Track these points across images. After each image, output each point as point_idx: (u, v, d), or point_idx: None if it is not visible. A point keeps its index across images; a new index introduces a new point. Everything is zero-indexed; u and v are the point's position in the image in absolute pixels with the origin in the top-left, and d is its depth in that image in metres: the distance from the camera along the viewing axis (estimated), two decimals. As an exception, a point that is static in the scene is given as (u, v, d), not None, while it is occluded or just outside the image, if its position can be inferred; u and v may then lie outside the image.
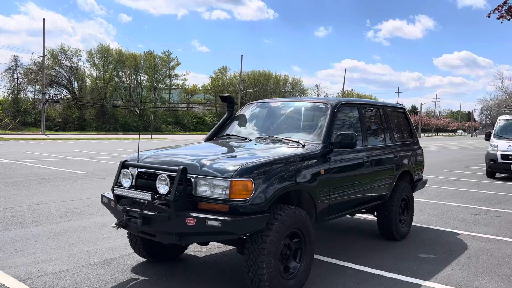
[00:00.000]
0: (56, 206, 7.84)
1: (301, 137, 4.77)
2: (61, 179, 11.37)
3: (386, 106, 6.13)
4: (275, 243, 3.71)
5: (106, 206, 4.39)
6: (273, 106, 5.57)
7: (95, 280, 4.33)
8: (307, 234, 4.08)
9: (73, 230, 6.23)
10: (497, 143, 14.38)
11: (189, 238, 3.72)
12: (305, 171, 4.19)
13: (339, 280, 4.48)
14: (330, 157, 4.59)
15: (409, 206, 6.36)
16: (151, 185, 3.94)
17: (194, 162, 3.86)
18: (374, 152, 5.44)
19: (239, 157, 4.04)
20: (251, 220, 3.55)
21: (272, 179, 3.79)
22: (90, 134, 47.13)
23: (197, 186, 3.70)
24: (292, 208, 3.92)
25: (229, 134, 5.37)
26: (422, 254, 5.51)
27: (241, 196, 3.57)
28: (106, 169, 13.85)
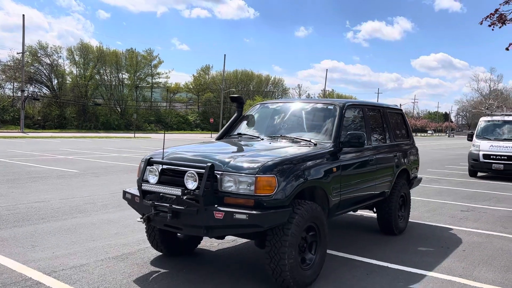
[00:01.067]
0: (58, 204, 7.93)
1: (312, 137, 5.04)
2: (55, 177, 11.39)
3: (385, 107, 6.46)
4: (296, 235, 3.97)
5: (128, 202, 4.57)
6: (281, 106, 5.83)
7: (117, 272, 4.51)
8: (322, 228, 4.35)
9: (82, 226, 6.36)
10: (479, 143, 14.97)
11: (216, 231, 3.94)
12: (320, 168, 4.45)
13: (349, 271, 4.77)
14: (339, 155, 4.86)
15: (406, 203, 6.70)
16: (176, 181, 4.15)
17: (219, 159, 4.08)
18: (377, 151, 5.74)
19: (260, 155, 4.28)
20: (276, 214, 3.79)
21: (293, 176, 4.05)
22: (71, 132, 46.57)
23: (223, 182, 3.92)
24: (310, 203, 4.18)
25: (240, 134, 5.60)
26: (421, 247, 5.84)
27: (266, 191, 3.81)
28: (97, 168, 13.89)
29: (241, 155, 4.24)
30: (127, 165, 15.14)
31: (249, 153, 4.37)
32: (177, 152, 4.52)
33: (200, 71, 79.18)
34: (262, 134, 5.37)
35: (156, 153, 4.61)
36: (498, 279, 4.71)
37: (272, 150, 4.52)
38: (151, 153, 4.71)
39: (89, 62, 60.91)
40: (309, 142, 4.90)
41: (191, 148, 4.85)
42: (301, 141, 4.96)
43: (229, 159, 4.07)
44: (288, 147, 4.71)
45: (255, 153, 4.35)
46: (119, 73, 65.23)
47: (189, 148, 4.80)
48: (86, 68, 60.66)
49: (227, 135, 5.76)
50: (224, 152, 4.57)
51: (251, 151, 4.50)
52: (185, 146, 4.95)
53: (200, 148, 4.87)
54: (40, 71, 57.59)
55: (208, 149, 4.76)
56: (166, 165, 4.26)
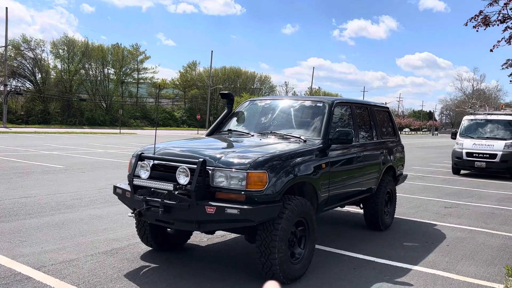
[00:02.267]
0: (44, 199, 7.88)
1: (301, 133, 5.11)
2: (40, 173, 11.29)
3: (373, 105, 6.57)
4: (286, 230, 4.04)
5: (119, 197, 4.58)
6: (271, 103, 5.89)
7: (108, 267, 4.53)
8: (310, 223, 4.43)
9: (70, 222, 6.35)
10: (462, 141, 15.25)
11: (208, 225, 3.99)
12: (310, 164, 4.53)
13: (336, 265, 4.86)
14: (328, 152, 4.94)
15: (392, 199, 6.83)
16: (167, 176, 4.18)
17: (211, 155, 4.13)
18: (364, 148, 5.85)
19: (251, 151, 4.33)
20: (267, 208, 3.86)
21: (283, 172, 4.11)
22: (55, 128, 46.00)
23: (214, 177, 3.97)
24: (299, 199, 4.26)
25: (230, 130, 5.65)
26: (406, 242, 5.97)
27: (257, 186, 3.87)
28: (83, 164, 13.79)
29: (232, 151, 4.29)
30: (113, 161, 15.07)
31: (240, 149, 4.42)
32: (168, 148, 4.55)
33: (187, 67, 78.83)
34: (252, 131, 5.42)
35: (147, 149, 4.63)
36: (480, 272, 4.85)
37: (263, 146, 4.58)
38: (142, 148, 4.73)
39: (74, 57, 60.14)
40: (299, 139, 4.97)
41: (182, 143, 4.88)
42: (291, 138, 5.03)
43: (221, 155, 4.12)
44: (278, 144, 4.77)
45: (246, 149, 4.41)
46: (105, 68, 64.59)
47: (180, 144, 4.83)
48: (71, 63, 59.91)
49: (217, 131, 5.80)
50: (215, 148, 4.62)
51: (242, 147, 4.55)
52: (176, 142, 4.98)
53: (191, 143, 4.91)
54: (24, 65, 56.73)
55: (200, 145, 4.80)
56: (157, 160, 4.29)
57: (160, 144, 4.73)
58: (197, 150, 4.42)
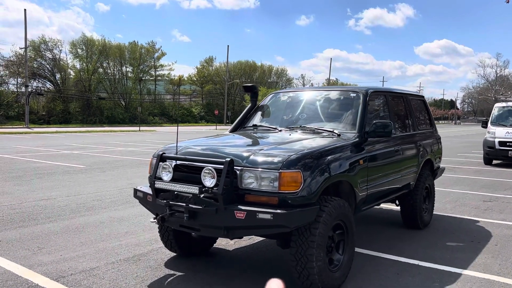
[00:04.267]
0: (64, 201, 7.64)
1: (334, 127, 4.69)
2: (61, 173, 11.11)
3: (408, 94, 6.08)
4: (323, 235, 3.64)
5: (140, 201, 4.25)
6: (298, 96, 5.47)
7: (130, 277, 4.20)
8: (349, 226, 4.02)
9: (91, 225, 6.07)
10: (494, 130, 14.55)
11: (237, 232, 3.62)
12: (347, 161, 4.12)
13: (377, 271, 4.44)
14: (365, 146, 4.51)
15: (430, 195, 6.35)
16: (191, 178, 3.83)
17: (238, 154, 3.75)
18: (402, 141, 5.39)
19: (281, 148, 3.94)
20: (303, 212, 3.46)
21: (319, 170, 3.71)
22: (75, 127, 46.36)
23: (243, 178, 3.59)
24: (337, 199, 3.85)
25: (255, 125, 5.26)
26: (449, 242, 5.50)
27: (291, 188, 3.48)
28: (103, 163, 13.60)
29: (260, 148, 3.89)
30: (133, 159, 14.86)
31: (269, 146, 4.02)
32: (191, 147, 4.19)
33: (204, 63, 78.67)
34: (279, 125, 5.02)
35: (168, 148, 4.28)
36: (539, 276, 4.37)
37: (294, 143, 4.17)
38: (163, 147, 4.38)
39: (92, 56, 60.50)
40: (332, 133, 4.55)
41: (206, 141, 4.52)
42: (323, 132, 4.62)
43: (249, 153, 3.74)
44: (310, 139, 4.36)
45: (276, 146, 4.01)
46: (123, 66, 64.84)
47: (203, 142, 4.47)
48: (89, 62, 60.28)
49: (241, 127, 5.42)
50: (242, 145, 4.24)
51: (271, 144, 4.15)
52: (199, 140, 4.62)
53: (216, 141, 4.54)
54: (43, 66, 57.28)
55: (225, 143, 4.43)
56: (180, 160, 3.93)
57: (182, 143, 4.37)
58: (223, 148, 4.05)
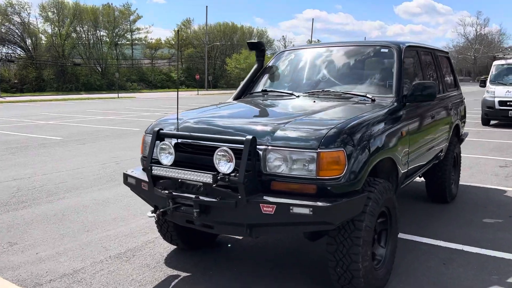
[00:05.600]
0: (40, 181, 6.74)
1: (366, 90, 3.88)
2: (36, 147, 10.12)
3: (436, 50, 5.27)
4: (370, 229, 2.89)
5: (133, 190, 3.41)
6: (315, 53, 4.59)
7: (124, 281, 3.42)
8: (393, 212, 3.28)
9: (72, 211, 5.22)
10: (494, 89, 13.95)
11: (262, 230, 2.83)
12: (390, 133, 3.33)
13: (418, 260, 3.75)
14: (403, 114, 3.72)
15: (457, 163, 5.67)
16: (199, 161, 3.00)
17: (259, 129, 2.93)
18: (436, 105, 4.61)
19: (313, 120, 3.12)
20: (350, 203, 2.69)
21: (364, 147, 2.92)
22: (51, 95, 44.39)
23: (268, 161, 2.78)
24: (382, 182, 3.08)
25: (265, 91, 4.39)
26: (486, 219, 4.86)
27: (332, 172, 2.68)
28: (82, 133, 12.59)
29: (286, 120, 3.05)
30: (114, 128, 13.86)
31: (295, 117, 3.17)
32: (194, 120, 3.33)
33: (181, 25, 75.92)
34: (295, 90, 4.17)
35: (165, 122, 3.42)
36: None
37: (323, 112, 3.35)
38: (158, 120, 3.51)
39: (64, 20, 57.47)
40: (365, 98, 3.74)
41: (210, 113, 3.66)
42: (353, 97, 3.80)
43: (273, 128, 2.91)
44: (341, 107, 3.55)
45: (304, 118, 3.16)
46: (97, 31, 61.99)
47: (207, 114, 3.61)
48: (62, 26, 57.31)
49: (247, 93, 4.55)
50: (259, 118, 3.41)
51: (296, 115, 3.29)
52: (200, 111, 3.75)
53: (222, 112, 3.69)
54: (12, 31, 54.24)
55: (234, 114, 3.59)
56: (184, 138, 3.08)
57: (181, 114, 3.51)
58: (235, 122, 3.21)
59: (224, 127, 3.10)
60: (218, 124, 3.19)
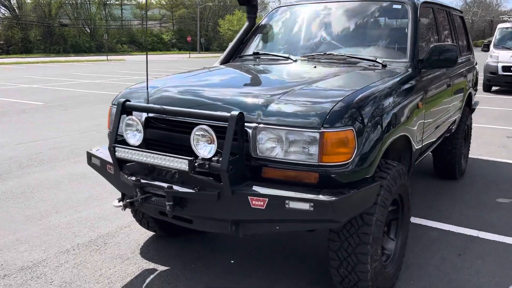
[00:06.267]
0: (13, 151, 6.17)
1: (375, 54, 3.30)
2: (14, 113, 9.49)
3: (451, 9, 4.65)
4: (382, 223, 2.40)
5: (99, 172, 2.88)
6: (315, 9, 3.94)
7: (91, 276, 2.94)
8: (406, 199, 2.78)
9: (43, 187, 4.70)
10: (497, 54, 13.31)
11: (251, 227, 2.32)
12: (405, 105, 2.79)
13: (430, 249, 3.30)
14: (419, 82, 3.17)
15: (467, 136, 5.17)
16: (173, 140, 2.46)
17: (248, 102, 2.37)
18: (451, 71, 4.05)
19: (315, 91, 2.57)
20: (362, 196, 2.18)
21: (377, 124, 2.38)
22: (38, 57, 43.02)
23: (258, 142, 2.24)
24: (395, 165, 2.56)
25: (257, 53, 3.78)
26: (500, 198, 4.40)
27: (339, 157, 2.15)
28: (65, 98, 11.92)
29: (282, 91, 2.49)
30: (100, 93, 13.18)
31: (292, 87, 2.59)
32: (169, 89, 2.75)
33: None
34: (292, 53, 3.57)
35: (134, 91, 2.85)
36: None
37: (326, 81, 2.78)
38: (126, 90, 2.94)
39: (50, -23, 55.08)
40: (374, 63, 3.17)
41: (190, 80, 3.08)
42: (361, 62, 3.22)
43: (265, 101, 2.36)
44: (348, 74, 2.98)
45: (304, 88, 2.59)
46: (85, -11, 59.65)
47: (186, 81, 3.04)
48: (47, -16, 54.99)
49: (236, 56, 3.94)
50: (249, 87, 2.85)
51: (293, 84, 2.72)
52: (179, 77, 3.17)
53: (205, 80, 3.12)
54: (-5, -11, 52.02)
55: (220, 82, 3.02)
56: (155, 112, 2.51)
57: (154, 82, 2.93)
58: (220, 92, 2.65)
59: (205, 99, 2.53)
60: (198, 94, 2.62)
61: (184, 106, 2.44)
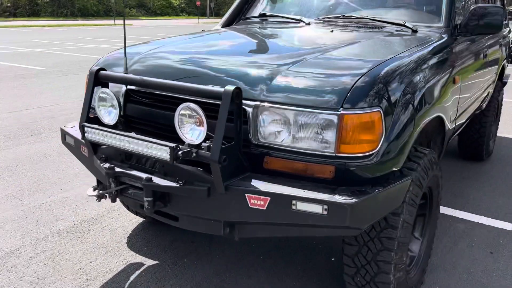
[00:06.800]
0: (4, 120, 5.78)
1: (403, 17, 2.79)
2: (12, 78, 9.07)
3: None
4: (409, 224, 1.96)
5: (73, 153, 2.45)
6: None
7: (68, 271, 2.57)
8: (436, 192, 2.34)
9: (29, 161, 4.32)
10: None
11: (249, 230, 1.89)
12: (440, 80, 2.30)
13: (457, 245, 2.88)
14: (455, 51, 2.66)
15: (497, 113, 4.67)
16: (157, 118, 2.01)
17: (248, 74, 1.91)
18: (488, 39, 3.52)
19: (331, 61, 2.08)
20: (388, 195, 1.74)
21: (408, 104, 1.91)
22: (45, 20, 42.26)
23: (260, 125, 1.79)
24: (427, 153, 2.10)
25: (264, 15, 3.27)
26: (535, 184, 3.94)
27: (362, 147, 1.70)
28: (68, 63, 11.46)
29: (291, 60, 2.02)
30: (103, 59, 12.66)
31: (305, 56, 2.11)
32: (156, 56, 2.29)
33: None
34: (305, 15, 3.06)
35: (115, 58, 2.38)
36: None
37: (347, 49, 2.29)
38: (106, 56, 2.48)
39: None
40: (403, 28, 2.66)
41: (183, 46, 2.61)
42: (386, 26, 2.72)
43: (271, 73, 1.89)
44: (371, 40, 2.48)
45: (318, 57, 2.12)
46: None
47: (179, 46, 2.57)
48: None
49: (240, 18, 3.44)
50: (253, 55, 2.36)
51: (307, 52, 2.23)
52: (170, 42, 2.69)
53: (203, 46, 2.63)
54: (2, -51, 50.69)
55: (219, 50, 2.53)
56: (134, 85, 2.06)
57: (139, 47, 2.47)
58: (219, 61, 2.17)
59: (197, 69, 2.07)
60: (189, 63, 2.15)
61: (170, 77, 1.98)
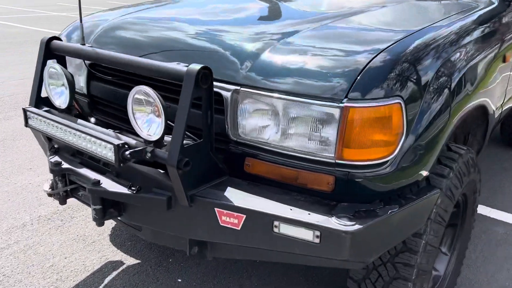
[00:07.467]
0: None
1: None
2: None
3: None
4: (434, 249, 1.52)
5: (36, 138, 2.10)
6: None
7: (38, 269, 2.27)
8: (471, 198, 1.87)
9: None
10: None
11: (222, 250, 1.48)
12: (486, 58, 1.80)
13: (495, 253, 2.42)
14: (507, 21, 2.13)
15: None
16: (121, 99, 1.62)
17: (232, 47, 1.47)
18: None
19: (341, 30, 1.61)
20: (406, 216, 1.31)
21: (441, 91, 1.44)
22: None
23: (239, 115, 1.37)
24: (463, 153, 1.63)
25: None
26: None
27: (373, 151, 1.26)
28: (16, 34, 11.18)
29: (286, 31, 1.56)
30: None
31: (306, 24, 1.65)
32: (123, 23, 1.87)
33: None
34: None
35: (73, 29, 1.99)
36: None
37: (365, 15, 1.81)
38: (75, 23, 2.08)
39: None
40: (441, -10, 2.14)
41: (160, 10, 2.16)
42: (419, -12, 2.19)
43: (257, 48, 1.46)
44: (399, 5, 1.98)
45: (325, 25, 1.65)
46: None
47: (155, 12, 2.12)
48: None
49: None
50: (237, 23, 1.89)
51: (310, 19, 1.77)
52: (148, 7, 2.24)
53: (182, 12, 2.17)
54: None
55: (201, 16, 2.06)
56: (88, 59, 1.65)
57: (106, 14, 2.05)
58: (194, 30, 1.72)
59: (168, 42, 1.64)
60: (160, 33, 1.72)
61: (136, 50, 1.57)
